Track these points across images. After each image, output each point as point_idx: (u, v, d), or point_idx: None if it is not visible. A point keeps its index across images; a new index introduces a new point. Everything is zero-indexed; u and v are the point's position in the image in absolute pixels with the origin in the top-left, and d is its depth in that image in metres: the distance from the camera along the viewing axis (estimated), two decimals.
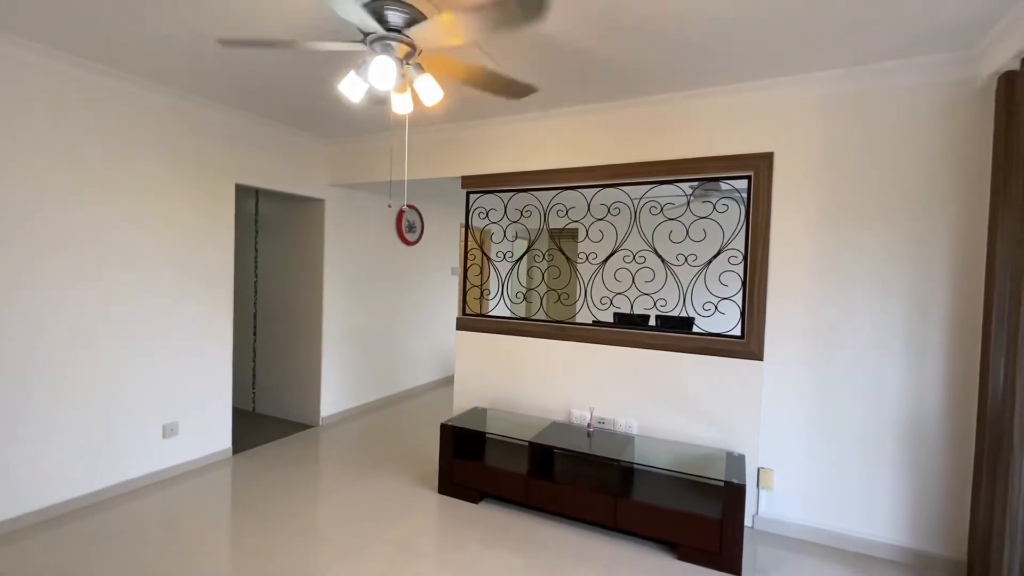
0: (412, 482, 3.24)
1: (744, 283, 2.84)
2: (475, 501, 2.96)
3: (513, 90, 2.15)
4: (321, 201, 4.29)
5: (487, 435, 3.26)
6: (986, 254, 2.32)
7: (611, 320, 3.34)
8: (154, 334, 3.15)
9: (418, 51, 1.85)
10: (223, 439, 3.59)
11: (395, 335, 5.20)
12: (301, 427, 4.32)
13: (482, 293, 3.68)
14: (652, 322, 3.80)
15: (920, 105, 2.47)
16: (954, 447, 2.42)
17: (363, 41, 1.83)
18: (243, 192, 4.66)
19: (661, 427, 3.01)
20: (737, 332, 2.86)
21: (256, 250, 4.70)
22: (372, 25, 1.75)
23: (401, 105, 2.09)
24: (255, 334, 4.72)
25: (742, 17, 2.09)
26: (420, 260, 5.45)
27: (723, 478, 2.37)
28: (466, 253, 3.70)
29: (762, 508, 2.80)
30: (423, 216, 5.39)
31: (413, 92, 2.10)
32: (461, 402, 3.64)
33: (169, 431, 3.25)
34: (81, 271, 2.81)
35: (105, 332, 2.92)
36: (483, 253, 3.71)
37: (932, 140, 2.45)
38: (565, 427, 3.13)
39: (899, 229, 2.51)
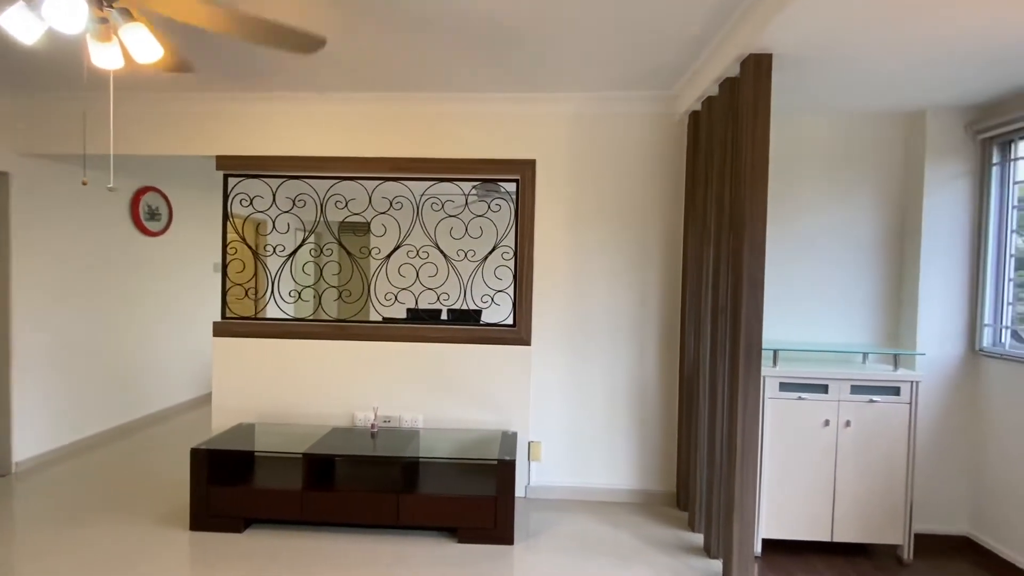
0: (157, 522, 2.68)
1: (515, 277, 3.10)
2: (239, 531, 2.59)
3: (293, 42, 1.78)
4: (3, 175, 3.20)
5: (255, 453, 2.89)
6: (682, 254, 2.98)
7: (403, 316, 3.30)
8: None
9: None
10: None
11: (135, 347, 4.23)
12: None
13: (247, 293, 3.24)
14: (445, 316, 3.89)
15: (641, 130, 3.03)
16: (666, 404, 3.07)
17: None
18: None
19: (447, 417, 3.10)
20: (510, 321, 3.11)
21: None
22: None
23: (105, 58, 1.65)
24: None
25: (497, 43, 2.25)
26: (169, 254, 4.53)
27: (497, 457, 2.55)
28: (225, 246, 3.20)
29: (533, 478, 3.12)
30: (171, 201, 4.48)
31: (122, 44, 1.68)
32: (222, 419, 3.14)
33: None
34: None
35: None
36: (248, 246, 3.26)
37: (649, 159, 3.03)
38: (347, 432, 2.97)
39: (627, 232, 3.05)
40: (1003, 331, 2.61)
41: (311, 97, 3.07)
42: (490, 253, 3.16)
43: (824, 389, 2.48)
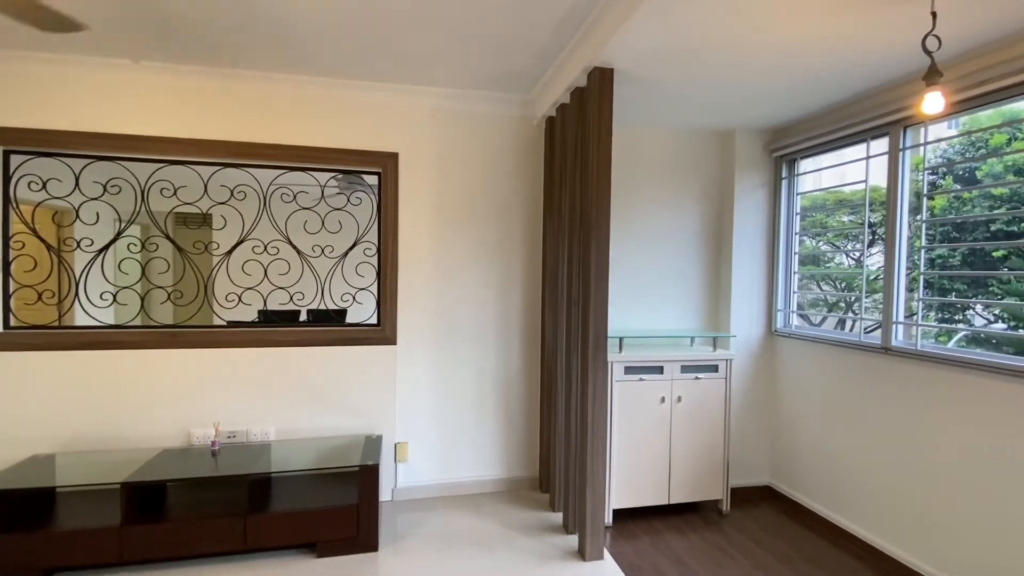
0: None
1: (379, 273, 2.99)
2: None
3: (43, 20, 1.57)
4: None
5: (56, 489, 2.40)
6: (542, 250, 3.14)
7: (253, 319, 2.97)
8: None
9: None
10: None
11: None
12: None
13: (41, 296, 2.66)
14: (304, 318, 3.59)
15: (503, 131, 3.11)
16: (530, 393, 3.21)
17: None
18: None
19: (303, 427, 2.89)
20: (374, 320, 3.00)
21: None
22: None
23: None
24: None
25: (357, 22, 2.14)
26: None
27: (359, 463, 2.45)
28: (7, 240, 2.59)
29: (400, 480, 3.05)
30: None
31: None
32: (8, 452, 2.55)
33: None
34: None
35: None
36: (41, 240, 2.68)
37: (511, 160, 3.13)
38: (182, 453, 2.61)
39: (492, 229, 3.12)
40: (791, 315, 3.20)
41: (125, 64, 2.62)
42: (350, 249, 3.01)
43: (660, 370, 2.80)
